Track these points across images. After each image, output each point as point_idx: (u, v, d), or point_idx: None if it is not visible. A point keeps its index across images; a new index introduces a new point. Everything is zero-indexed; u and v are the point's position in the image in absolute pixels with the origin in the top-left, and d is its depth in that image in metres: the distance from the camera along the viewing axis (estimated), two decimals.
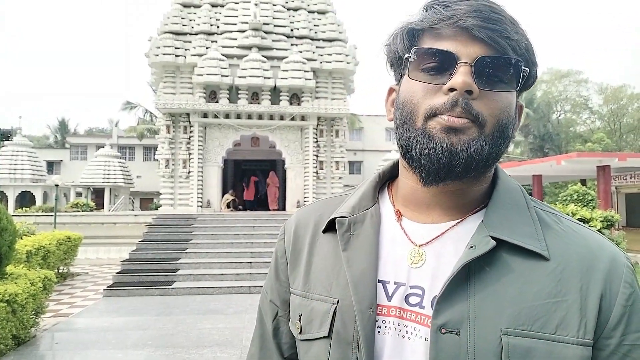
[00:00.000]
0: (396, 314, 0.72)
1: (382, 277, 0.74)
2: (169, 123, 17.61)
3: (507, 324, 0.66)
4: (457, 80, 0.67)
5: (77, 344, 6.42)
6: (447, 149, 0.68)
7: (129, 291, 10.04)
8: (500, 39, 0.68)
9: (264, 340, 0.89)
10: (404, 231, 0.77)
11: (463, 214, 0.76)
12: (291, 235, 0.87)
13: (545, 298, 0.67)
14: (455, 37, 0.69)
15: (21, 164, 26.09)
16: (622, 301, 0.68)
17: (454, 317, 0.67)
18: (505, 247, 0.70)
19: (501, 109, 0.70)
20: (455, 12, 0.69)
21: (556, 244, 0.71)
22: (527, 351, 0.64)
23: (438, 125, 0.69)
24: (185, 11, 18.55)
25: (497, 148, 0.71)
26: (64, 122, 50.42)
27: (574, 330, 0.66)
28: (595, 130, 38.71)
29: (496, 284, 0.68)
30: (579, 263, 0.70)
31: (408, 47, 0.74)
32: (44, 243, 10.15)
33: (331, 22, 19.00)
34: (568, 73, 40.66)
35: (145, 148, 36.24)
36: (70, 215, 17.08)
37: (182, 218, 15.18)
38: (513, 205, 0.75)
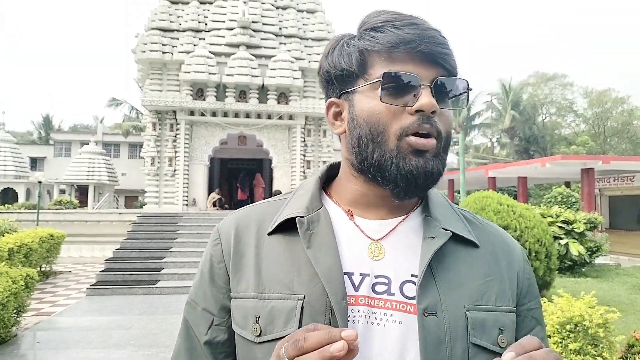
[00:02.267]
0: (365, 302, 0.77)
1: (347, 269, 0.79)
2: (155, 120, 17.48)
3: (467, 302, 0.78)
4: (424, 102, 0.74)
5: (59, 343, 6.35)
6: (422, 170, 0.76)
7: (112, 290, 9.95)
8: (451, 62, 0.78)
9: (193, 352, 0.86)
10: (359, 228, 0.84)
11: (404, 211, 0.86)
12: (230, 240, 0.87)
13: (484, 277, 0.81)
14: (412, 61, 0.76)
15: (4, 160, 25.75)
16: (527, 275, 0.88)
17: (431, 302, 0.76)
18: (451, 238, 0.82)
19: (449, 124, 0.80)
20: (413, 36, 0.75)
21: (480, 234, 0.86)
22: (483, 322, 0.78)
23: (410, 147, 0.76)
24: (173, 7, 18.42)
25: (446, 159, 0.82)
26: (48, 118, 49.78)
27: (507, 300, 0.82)
28: (580, 133, 39.16)
29: (452, 269, 0.80)
30: (500, 248, 0.87)
31: (360, 64, 0.79)
32: (27, 241, 10.02)
33: (320, 22, 19.01)
34: (554, 76, 41.11)
35: (130, 145, 35.96)
36: (54, 212, 16.88)
37: (167, 217, 15.08)
38: (443, 205, 0.88)
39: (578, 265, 10.39)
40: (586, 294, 3.83)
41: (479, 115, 40.91)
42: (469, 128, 40.15)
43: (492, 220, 5.63)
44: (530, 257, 5.47)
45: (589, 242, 10.56)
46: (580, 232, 10.31)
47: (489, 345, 0.76)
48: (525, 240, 5.52)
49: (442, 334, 0.74)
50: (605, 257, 12.70)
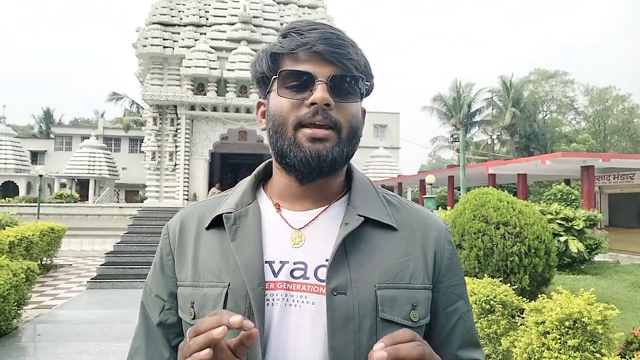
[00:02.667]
0: (283, 287, 0.86)
1: (268, 258, 0.88)
2: (156, 115, 17.48)
3: (378, 281, 0.86)
4: (317, 96, 0.84)
5: (60, 336, 6.37)
6: (315, 155, 0.85)
7: (112, 283, 9.98)
8: (346, 61, 0.86)
9: (149, 333, 0.97)
10: (284, 219, 0.93)
11: (329, 201, 0.95)
12: (176, 234, 0.97)
13: (400, 258, 0.89)
14: (311, 60, 0.86)
15: (4, 153, 25.75)
16: (447, 255, 0.95)
17: (341, 282, 0.84)
18: (369, 223, 0.90)
19: (352, 115, 0.89)
20: (309, 39, 0.85)
21: (401, 218, 0.94)
22: (394, 298, 0.85)
23: (304, 136, 0.85)
24: (174, 2, 18.38)
25: (352, 148, 0.90)
26: (49, 111, 49.73)
27: (421, 279, 0.89)
28: (580, 131, 39.14)
29: (366, 252, 0.88)
30: (419, 230, 0.94)
31: (272, 68, 0.90)
32: (27, 234, 10.04)
33: (321, 17, 18.96)
34: (555, 74, 41.03)
35: (131, 140, 35.94)
36: (54, 206, 16.89)
37: (167, 211, 15.10)
38: (367, 192, 0.96)
39: (577, 262, 10.41)
40: (585, 291, 3.84)
41: (479, 112, 40.85)
42: (470, 125, 40.10)
43: (492, 216, 5.64)
44: (530, 253, 5.48)
45: (588, 240, 10.57)
46: (580, 230, 10.31)
47: (399, 320, 0.85)
48: (525, 237, 5.53)
49: (350, 311, 0.83)
50: (604, 255, 12.72)
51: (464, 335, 0.94)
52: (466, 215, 5.84)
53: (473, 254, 5.59)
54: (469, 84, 40.38)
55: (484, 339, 4.95)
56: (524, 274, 5.43)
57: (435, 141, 42.97)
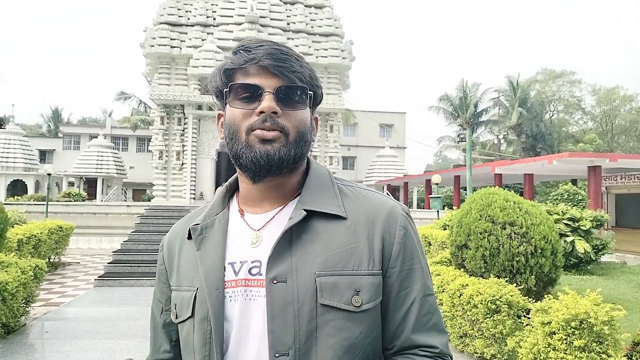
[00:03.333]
0: (242, 284, 0.95)
1: (231, 260, 0.98)
2: (163, 114, 17.55)
3: (319, 269, 0.92)
4: (264, 105, 0.93)
5: (67, 333, 6.42)
6: (265, 154, 0.93)
7: (120, 281, 10.04)
8: (290, 73, 0.95)
9: (156, 330, 1.14)
10: (246, 222, 1.02)
11: (286, 200, 1.02)
12: (166, 247, 1.12)
13: (344, 246, 0.94)
14: (259, 74, 0.96)
15: (13, 152, 25.92)
16: (398, 239, 0.97)
17: (281, 271, 0.91)
18: (316, 216, 0.96)
19: (299, 121, 0.97)
20: (255, 55, 0.96)
21: (351, 207, 0.99)
22: (334, 285, 0.91)
23: (256, 138, 0.94)
24: (181, 2, 18.45)
25: (300, 150, 0.97)
26: (57, 111, 50.02)
27: (365, 265, 0.94)
28: (588, 131, 38.92)
29: (310, 243, 0.94)
30: (366, 218, 0.98)
31: (225, 83, 0.99)
32: (36, 232, 10.11)
33: (328, 17, 18.97)
34: (562, 74, 40.82)
35: (138, 139, 36.11)
36: (62, 204, 17.00)
37: (174, 210, 15.16)
38: (320, 185, 1.02)
39: (584, 262, 10.36)
40: (592, 292, 3.84)
41: (486, 112, 40.70)
42: (476, 125, 39.97)
43: (497, 216, 5.63)
44: (536, 254, 5.46)
45: (595, 240, 10.52)
46: (587, 230, 10.26)
47: (339, 305, 0.91)
48: (531, 237, 5.51)
49: (289, 297, 0.90)
50: (611, 255, 12.65)
51: (420, 319, 0.97)
52: (472, 215, 5.83)
53: (479, 254, 5.59)
54: (476, 83, 40.27)
55: (490, 338, 4.95)
56: (530, 274, 5.42)
57: (441, 141, 42.88)
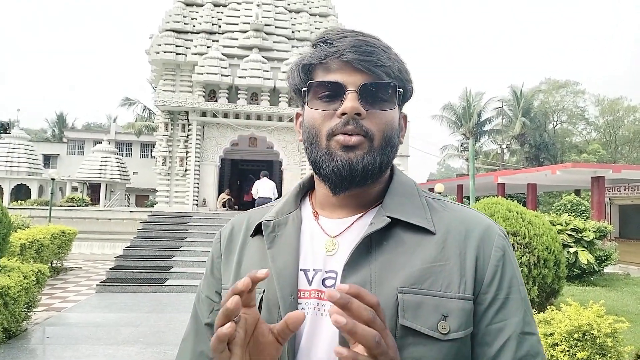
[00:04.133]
0: (315, 295, 0.85)
1: (304, 266, 0.88)
2: (168, 121, 17.61)
3: (401, 284, 0.80)
4: (347, 106, 0.83)
5: (69, 339, 6.42)
6: (347, 164, 0.84)
7: (122, 287, 10.03)
8: (376, 68, 0.84)
9: (198, 333, 1.00)
10: (321, 227, 0.92)
11: (366, 209, 0.92)
12: (225, 239, 1.01)
13: (432, 262, 0.83)
14: (340, 70, 0.85)
15: (18, 156, 26.00)
16: (494, 262, 0.85)
17: (358, 281, 0.81)
18: (401, 225, 0.86)
19: (386, 124, 0.87)
20: (338, 48, 0.85)
21: (441, 221, 0.88)
22: (418, 305, 0.79)
23: (337, 144, 0.84)
24: (187, 9, 18.57)
25: (386, 156, 0.87)
26: (62, 116, 50.25)
27: (456, 287, 0.81)
28: (591, 141, 38.87)
29: (392, 253, 0.84)
30: (458, 234, 0.86)
31: (304, 80, 0.89)
32: (38, 237, 10.13)
33: (332, 25, 19.05)
34: (565, 84, 40.84)
35: (142, 145, 36.21)
36: (66, 209, 17.03)
37: (177, 216, 15.17)
38: (405, 195, 0.92)
39: (587, 274, 10.32)
40: (595, 303, 3.82)
41: (489, 122, 40.73)
42: (479, 134, 39.97)
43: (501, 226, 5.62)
44: (539, 264, 5.45)
45: (598, 251, 10.49)
46: (590, 241, 10.24)
47: (423, 329, 0.78)
48: (534, 248, 5.51)
49: None
50: (614, 267, 12.61)
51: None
52: None
53: None
54: (479, 93, 40.32)
55: None
56: (533, 285, 5.40)
57: (444, 150, 42.90)
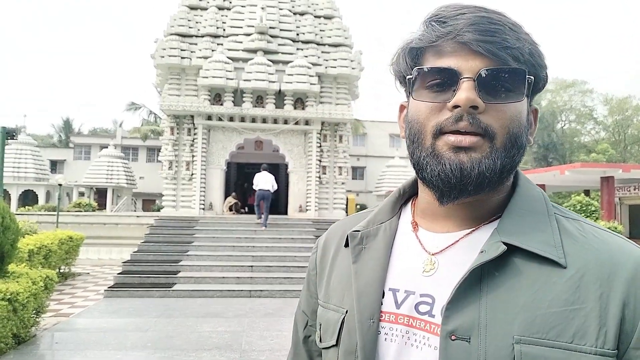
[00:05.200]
0: (404, 322, 0.73)
1: (393, 285, 0.76)
2: (173, 125, 17.65)
3: (520, 332, 0.64)
4: (460, 97, 0.68)
5: (77, 344, 6.41)
6: (457, 168, 0.69)
7: (129, 292, 10.03)
8: (500, 50, 0.69)
9: (297, 347, 0.94)
10: (419, 241, 0.78)
11: (478, 223, 0.76)
12: (320, 249, 0.92)
13: (561, 306, 0.65)
14: (455, 53, 0.70)
15: (25, 162, 26.17)
16: None
17: (464, 323, 0.66)
18: (520, 254, 0.69)
19: (511, 119, 0.70)
20: (453, 27, 0.70)
21: (576, 251, 0.69)
22: (541, 359, 0.63)
23: (446, 145, 0.70)
24: (191, 13, 18.62)
25: (510, 160, 0.71)
26: (68, 121, 50.56)
27: (593, 339, 0.63)
28: (600, 141, 38.66)
29: (509, 290, 0.67)
30: (599, 269, 0.67)
31: (411, 66, 0.75)
32: (46, 242, 10.16)
33: (337, 28, 19.04)
34: (573, 83, 40.67)
35: (148, 149, 36.33)
36: (73, 215, 17.09)
37: (184, 220, 15.18)
38: (530, 212, 0.73)
39: None
40: None
41: None
42: None
43: None
44: None
45: None
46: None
47: None
48: None
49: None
50: None
51: None
52: None
53: None
54: None
55: None
56: None
57: None
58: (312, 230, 14.75)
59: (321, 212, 17.88)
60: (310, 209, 17.74)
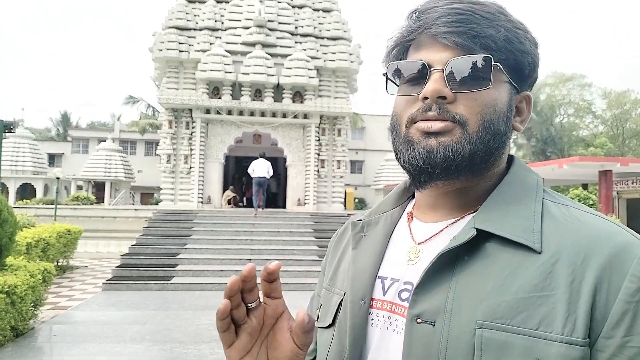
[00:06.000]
0: (387, 307, 0.75)
1: (383, 273, 0.78)
2: (171, 118, 17.61)
3: (483, 317, 0.63)
4: (428, 88, 0.70)
5: (75, 337, 6.42)
6: (425, 152, 0.70)
7: (128, 285, 10.05)
8: (467, 40, 0.69)
9: None
10: (410, 231, 0.80)
11: (464, 212, 0.76)
12: (337, 236, 0.96)
13: (530, 292, 0.63)
14: (428, 46, 0.72)
15: (22, 156, 26.10)
16: (626, 296, 0.61)
17: (430, 308, 0.67)
18: (494, 240, 0.68)
19: (484, 105, 0.71)
20: (424, 21, 0.72)
21: (554, 235, 0.67)
22: (503, 345, 0.62)
23: (418, 132, 0.72)
24: (190, 6, 18.53)
25: (484, 145, 0.71)
26: (66, 115, 50.42)
27: (560, 327, 0.61)
28: (598, 135, 38.68)
29: (478, 275, 0.67)
30: (574, 255, 0.64)
31: (395, 59, 0.79)
32: (44, 235, 10.16)
33: (336, 21, 18.98)
34: (572, 77, 40.62)
35: (147, 143, 36.26)
36: (71, 208, 17.09)
37: (182, 213, 15.18)
38: (515, 198, 0.73)
39: None
40: None
41: None
42: None
43: None
44: None
45: None
46: None
47: None
48: None
49: (432, 348, 0.65)
50: None
51: None
52: None
53: None
54: None
55: None
56: None
57: None
58: (310, 223, 14.76)
59: (320, 205, 17.89)
60: (308, 202, 17.75)
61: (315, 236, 13.72)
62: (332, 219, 15.69)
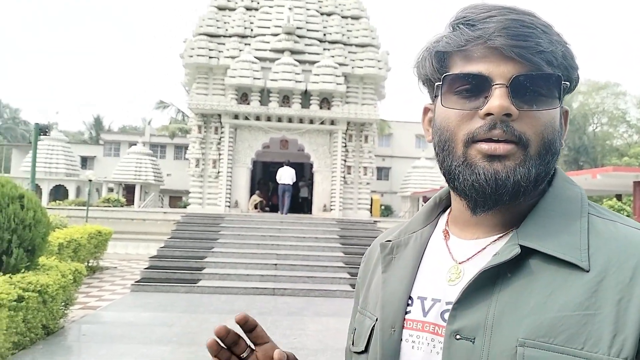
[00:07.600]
0: (430, 329, 0.72)
1: (422, 293, 0.75)
2: (201, 123, 17.86)
3: (525, 334, 0.61)
4: (493, 104, 0.65)
5: (104, 337, 6.53)
6: (492, 178, 0.67)
7: (155, 287, 10.17)
8: (534, 55, 0.66)
9: (346, 354, 0.92)
10: (449, 249, 0.77)
11: (508, 228, 0.73)
12: (366, 257, 0.93)
13: (574, 310, 0.61)
14: (486, 58, 0.68)
15: (56, 158, 26.82)
16: None
17: (470, 324, 0.65)
18: (538, 257, 0.66)
19: (545, 125, 0.68)
20: (483, 31, 0.67)
21: (602, 253, 0.65)
22: None
23: (479, 154, 0.68)
24: (220, 14, 18.81)
25: (544, 167, 0.69)
26: (98, 119, 51.67)
27: (606, 347, 0.58)
28: (633, 145, 37.63)
29: (520, 292, 0.65)
30: (622, 273, 0.62)
31: (437, 70, 0.73)
32: (76, 236, 10.38)
33: (364, 28, 18.99)
34: (606, 85, 39.70)
35: (176, 147, 36.83)
36: (102, 210, 17.44)
37: (210, 217, 15.33)
38: (559, 214, 0.70)
39: None
40: None
41: None
42: None
43: None
44: None
45: None
46: None
47: None
48: None
49: None
50: None
51: None
52: None
53: None
54: None
55: None
56: None
57: None
58: (336, 230, 14.73)
59: (345, 212, 17.85)
60: (334, 208, 17.73)
61: (341, 242, 13.68)
62: (358, 225, 15.63)
